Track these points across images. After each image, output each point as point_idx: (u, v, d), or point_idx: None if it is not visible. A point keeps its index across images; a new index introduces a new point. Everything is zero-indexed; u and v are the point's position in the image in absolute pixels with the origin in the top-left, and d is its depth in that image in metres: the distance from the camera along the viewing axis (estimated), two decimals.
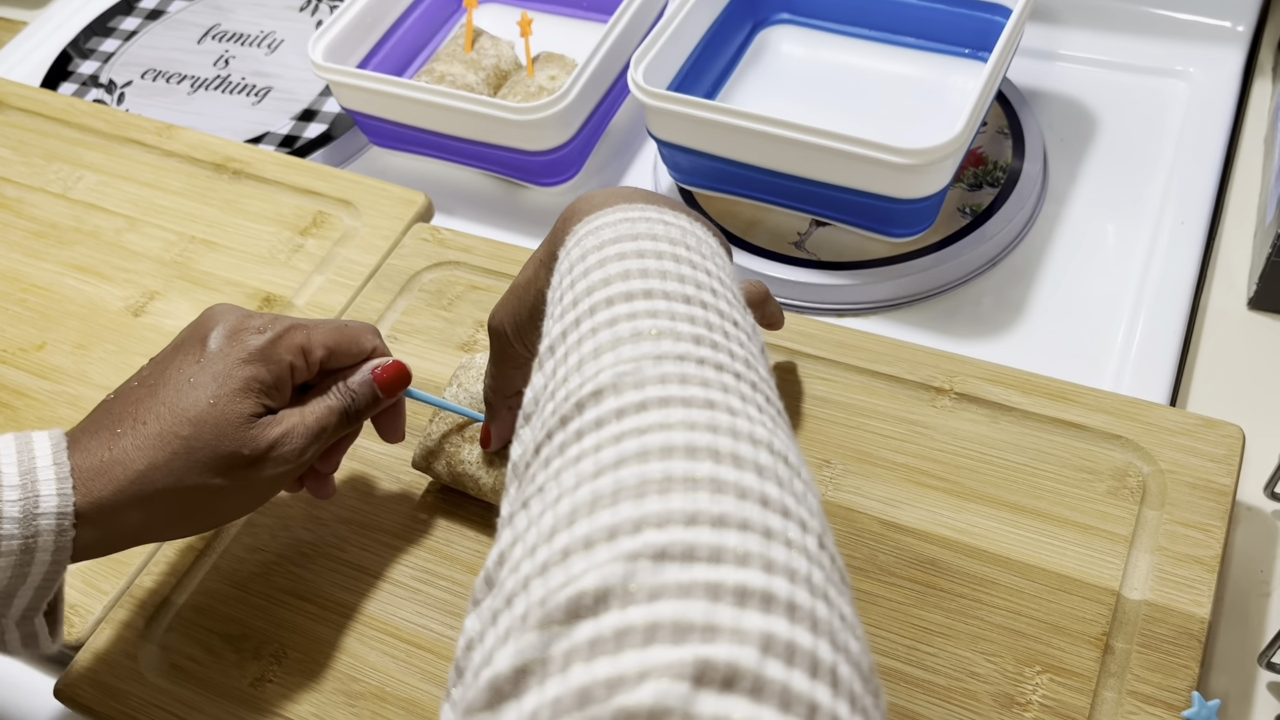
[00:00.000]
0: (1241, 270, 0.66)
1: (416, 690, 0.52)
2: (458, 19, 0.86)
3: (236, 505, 0.49)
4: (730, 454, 0.31)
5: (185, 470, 0.46)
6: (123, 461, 0.45)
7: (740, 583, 0.27)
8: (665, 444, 0.31)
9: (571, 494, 0.30)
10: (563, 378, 0.35)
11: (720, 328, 0.36)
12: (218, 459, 0.46)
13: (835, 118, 0.72)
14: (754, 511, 0.29)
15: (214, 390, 0.47)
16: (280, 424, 0.48)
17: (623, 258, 0.38)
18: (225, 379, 0.47)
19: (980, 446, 0.56)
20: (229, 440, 0.46)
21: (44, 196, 0.77)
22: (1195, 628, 0.49)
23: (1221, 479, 0.53)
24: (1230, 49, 0.76)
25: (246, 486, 0.48)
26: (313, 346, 0.50)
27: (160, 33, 0.92)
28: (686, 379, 0.33)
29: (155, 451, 0.46)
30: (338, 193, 0.74)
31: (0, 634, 0.46)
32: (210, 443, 0.46)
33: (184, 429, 0.46)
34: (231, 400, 0.47)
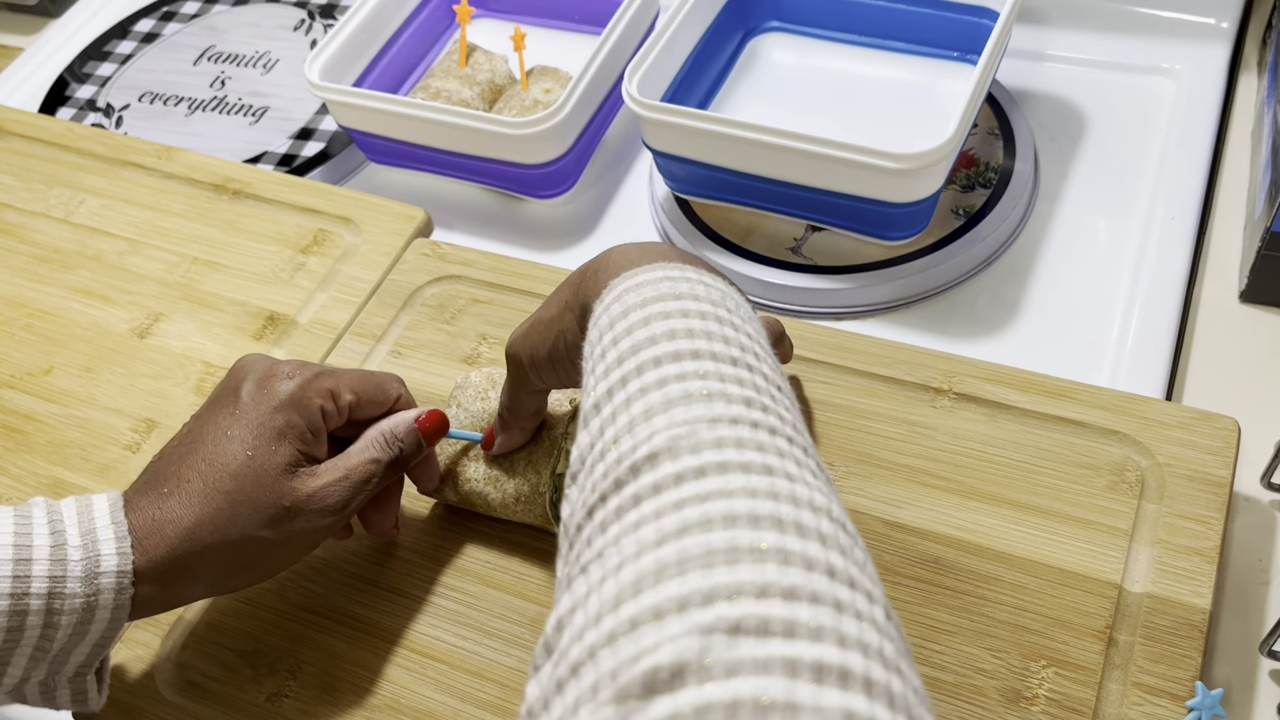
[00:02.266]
0: (1233, 263, 0.67)
1: (431, 701, 0.52)
2: (451, 35, 0.87)
3: (284, 556, 0.50)
4: (793, 522, 0.30)
5: (230, 524, 0.47)
6: (172, 520, 0.47)
7: (817, 658, 0.27)
8: (728, 511, 0.30)
9: (634, 562, 0.30)
10: (612, 438, 0.35)
11: (767, 391, 0.36)
12: (260, 511, 0.47)
13: (828, 124, 0.73)
14: (822, 583, 0.29)
15: (250, 442, 0.48)
16: (321, 476, 0.49)
17: (667, 317, 0.38)
18: (260, 429, 0.48)
19: (980, 445, 0.56)
20: (270, 492, 0.47)
21: (46, 221, 0.78)
22: (1196, 618, 0.49)
23: (1218, 471, 0.53)
24: (1215, 45, 0.77)
25: (292, 538, 0.48)
26: (340, 391, 0.51)
27: (156, 55, 0.93)
28: (742, 443, 0.33)
29: (201, 508, 0.47)
30: (337, 210, 0.74)
31: (52, 690, 0.47)
32: (252, 495, 0.47)
33: (226, 483, 0.47)
34: (269, 450, 0.48)
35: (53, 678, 0.47)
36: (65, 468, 0.64)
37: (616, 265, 0.43)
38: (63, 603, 0.44)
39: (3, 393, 0.68)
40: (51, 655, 0.46)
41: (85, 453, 0.65)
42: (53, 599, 0.44)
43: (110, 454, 0.64)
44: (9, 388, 0.69)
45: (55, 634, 0.45)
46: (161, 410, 0.66)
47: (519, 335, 0.49)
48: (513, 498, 0.55)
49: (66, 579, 0.44)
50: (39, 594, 0.44)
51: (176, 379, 0.67)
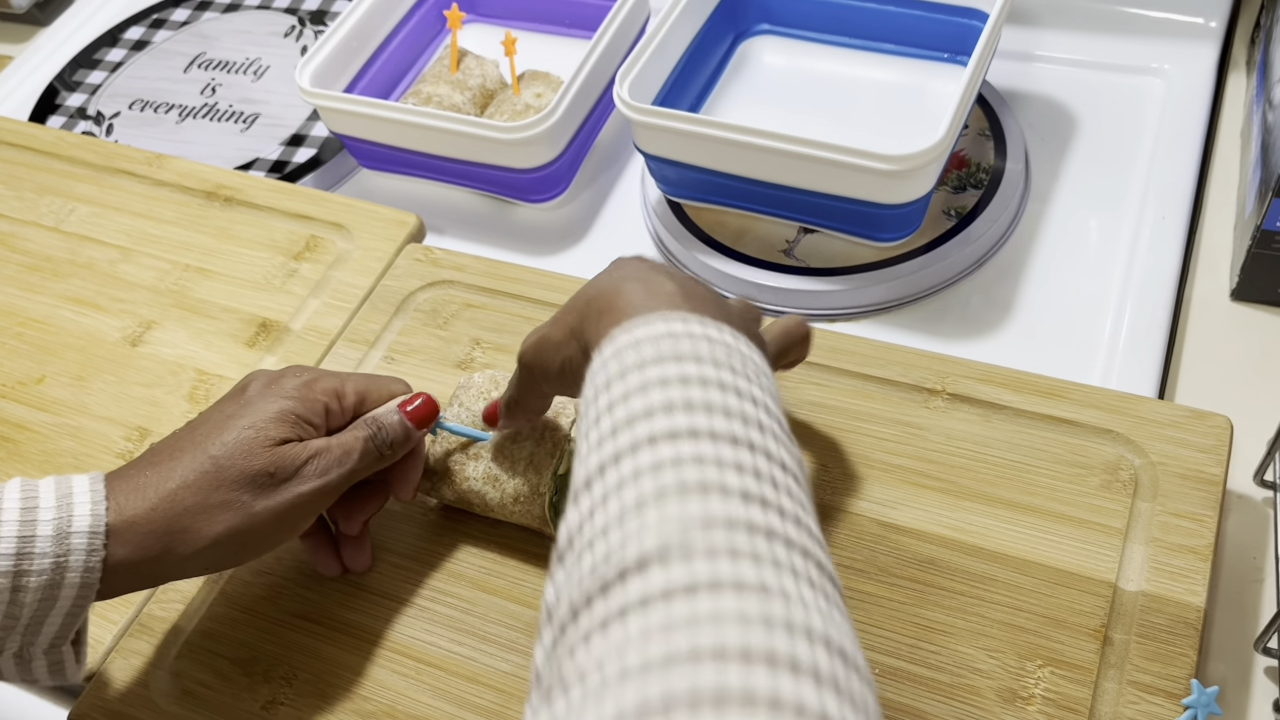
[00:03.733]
0: (1223, 262, 0.67)
1: (427, 707, 0.52)
2: (442, 40, 0.87)
3: (265, 529, 0.49)
4: (787, 659, 0.29)
5: (213, 487, 0.47)
6: (155, 482, 0.47)
7: None
8: (718, 645, 0.29)
9: (618, 690, 0.29)
10: (601, 527, 0.34)
11: (769, 476, 0.35)
12: (245, 477, 0.48)
13: (819, 126, 0.73)
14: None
15: (250, 420, 0.49)
16: (308, 448, 0.50)
17: (665, 385, 0.37)
18: (262, 411, 0.50)
19: (974, 445, 0.56)
20: (257, 459, 0.48)
21: (37, 230, 0.78)
22: (1191, 616, 0.49)
23: (1211, 469, 0.54)
24: (1204, 45, 0.77)
25: (274, 509, 0.49)
26: (346, 392, 0.53)
27: (146, 63, 0.93)
28: (737, 553, 0.32)
29: (186, 472, 0.48)
30: (329, 216, 0.74)
31: (28, 662, 0.47)
32: (239, 462, 0.48)
33: (215, 449, 0.48)
34: (265, 426, 0.49)
35: (27, 649, 0.46)
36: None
37: (620, 308, 0.42)
38: (31, 563, 0.44)
39: None
40: (23, 624, 0.45)
41: (78, 462, 0.64)
42: (20, 560, 0.44)
43: (103, 463, 0.64)
44: (0, 397, 0.68)
45: (24, 598, 0.44)
46: (154, 418, 0.66)
47: (530, 346, 0.49)
48: (511, 498, 0.55)
49: (36, 539, 0.44)
50: (6, 555, 0.44)
51: (169, 387, 0.67)
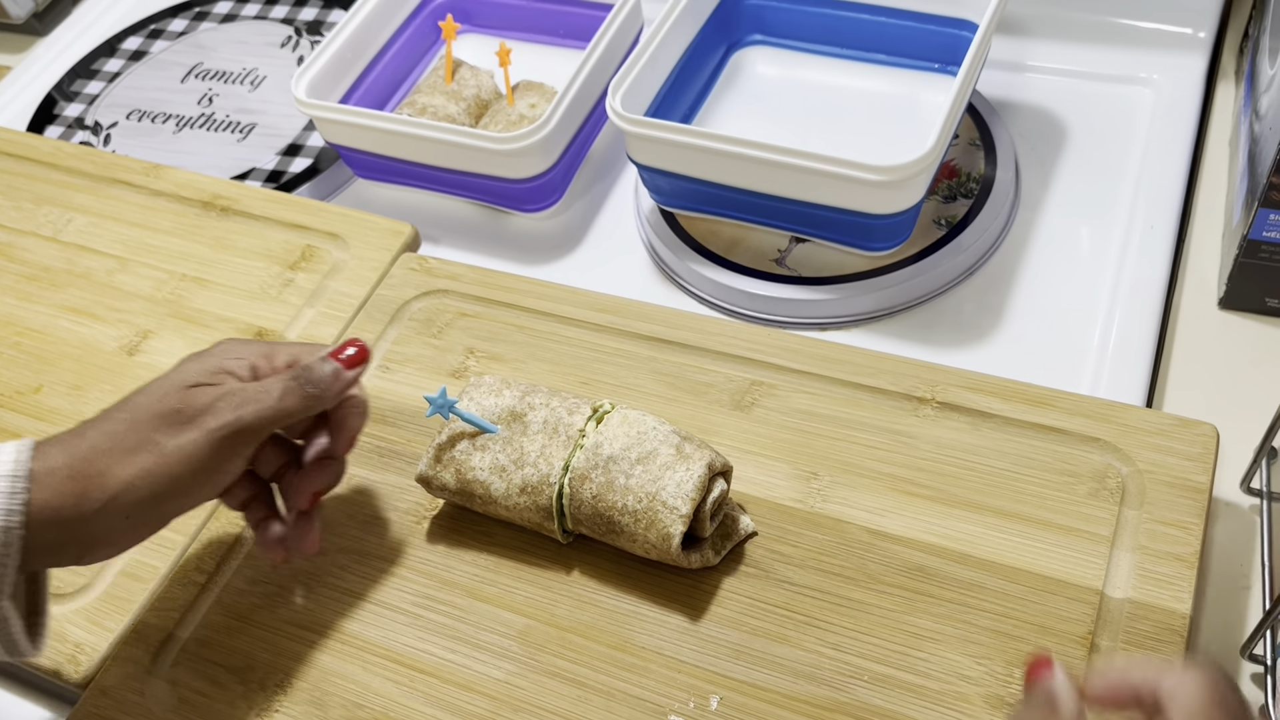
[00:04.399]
0: (1211, 271, 0.68)
1: (421, 714, 0.53)
2: (437, 50, 0.88)
3: (175, 473, 0.48)
4: None
5: (128, 429, 0.48)
6: (76, 432, 0.48)
7: None
8: None
9: None
10: None
11: None
12: (154, 415, 0.48)
13: (811, 136, 0.73)
14: None
15: (168, 375, 0.50)
16: (223, 385, 0.50)
17: None
18: (185, 365, 0.51)
19: (963, 454, 0.57)
20: (170, 399, 0.49)
21: (35, 240, 0.78)
22: (1177, 623, 0.50)
23: (1198, 477, 0.54)
24: (1193, 55, 0.78)
25: (184, 451, 0.48)
26: (276, 353, 0.53)
27: (144, 73, 0.93)
28: None
29: (104, 421, 0.49)
30: (325, 226, 0.75)
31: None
32: (153, 403, 0.49)
33: (135, 396, 0.49)
34: (183, 373, 0.50)
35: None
36: None
37: None
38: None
39: None
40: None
41: None
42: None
43: None
44: None
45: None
46: None
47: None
48: (518, 488, 0.55)
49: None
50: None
51: None
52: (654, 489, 0.52)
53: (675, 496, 0.52)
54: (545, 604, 0.55)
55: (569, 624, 0.54)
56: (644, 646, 0.53)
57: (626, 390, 0.63)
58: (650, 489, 0.52)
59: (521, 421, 0.56)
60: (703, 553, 0.54)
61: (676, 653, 0.53)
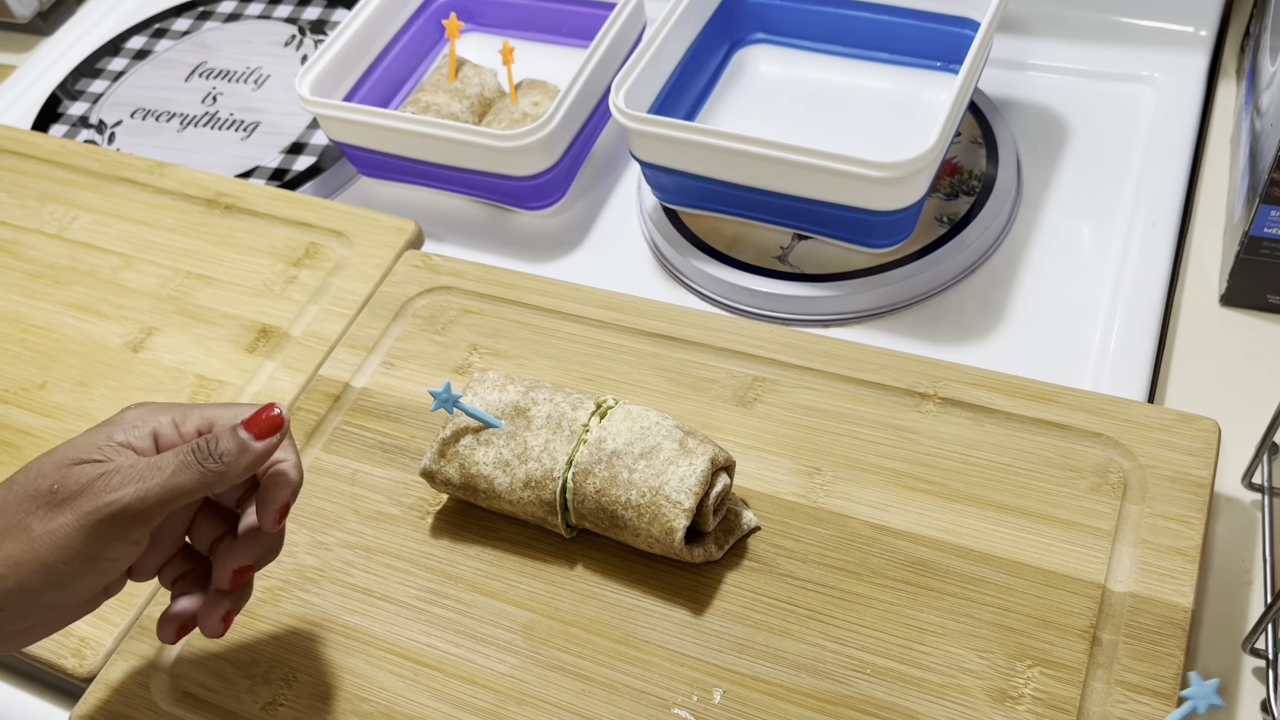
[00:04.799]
0: (1213, 268, 0.68)
1: (425, 708, 0.53)
2: (441, 49, 0.88)
3: (46, 561, 0.42)
4: None
5: (2, 507, 0.42)
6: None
7: None
8: None
9: None
10: None
11: None
12: (29, 497, 0.42)
13: (813, 134, 0.74)
14: None
15: (60, 449, 0.44)
16: (107, 464, 0.43)
17: None
18: (78, 439, 0.44)
19: (965, 449, 0.57)
20: (46, 478, 0.43)
21: (40, 238, 0.78)
22: (1179, 617, 0.50)
23: (1199, 471, 0.54)
24: (1194, 54, 0.78)
25: (55, 536, 0.42)
26: (187, 417, 0.47)
27: (148, 72, 0.94)
28: None
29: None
30: (329, 223, 0.75)
31: None
32: (28, 482, 0.43)
33: (16, 478, 0.44)
34: (71, 447, 0.44)
35: None
36: None
37: None
38: None
39: None
40: None
41: None
42: None
43: None
44: (4, 402, 0.69)
45: None
46: None
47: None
48: (522, 483, 0.55)
49: None
50: None
51: (170, 393, 0.68)
52: (657, 483, 0.52)
53: (678, 491, 0.52)
54: (549, 598, 0.55)
55: (572, 618, 0.55)
56: (647, 640, 0.53)
57: (630, 386, 0.63)
58: (654, 483, 0.53)
59: (525, 416, 0.57)
60: (706, 547, 0.54)
61: (680, 646, 0.53)
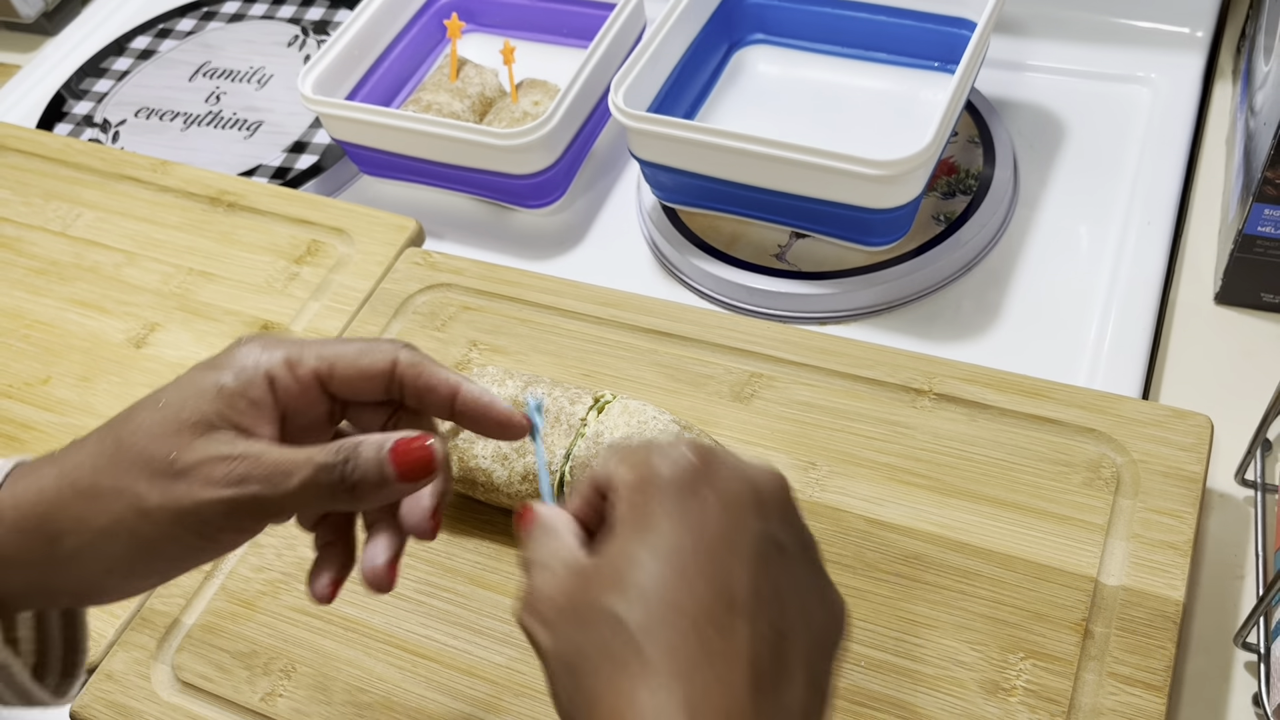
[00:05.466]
0: (1208, 266, 0.68)
1: (423, 699, 0.53)
2: (442, 49, 0.89)
3: (160, 534, 0.38)
4: None
5: (108, 470, 0.38)
6: (53, 460, 0.40)
7: None
8: None
9: None
10: None
11: None
12: (143, 462, 0.38)
13: (811, 133, 0.74)
14: None
15: (168, 396, 0.39)
16: (230, 443, 0.38)
17: None
18: (183, 385, 0.40)
19: (960, 444, 0.57)
20: (161, 442, 0.38)
21: (44, 234, 0.79)
22: (1170, 610, 0.50)
23: (1192, 467, 0.55)
24: (1190, 54, 0.78)
25: (171, 510, 0.38)
26: (303, 359, 0.41)
27: (152, 72, 0.94)
28: None
29: (87, 451, 0.39)
30: (330, 221, 0.76)
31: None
32: (142, 443, 0.38)
33: (122, 428, 0.39)
34: (179, 403, 0.39)
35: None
36: None
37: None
38: None
39: (1, 402, 0.69)
40: None
41: None
42: None
43: None
44: (7, 397, 0.70)
45: None
46: None
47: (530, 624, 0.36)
48: (520, 476, 0.56)
49: None
50: None
51: None
52: None
53: None
54: None
55: None
56: None
57: (628, 382, 0.63)
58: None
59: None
60: None
61: None
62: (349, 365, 0.41)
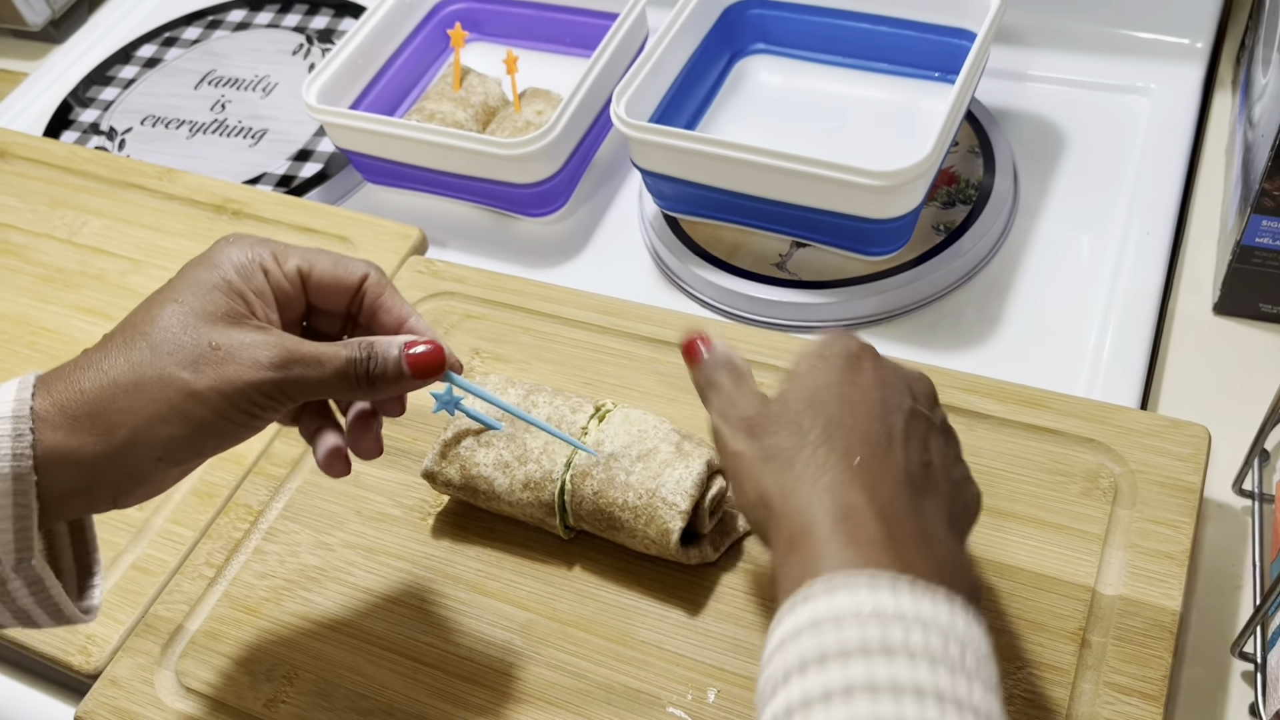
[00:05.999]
0: (1206, 277, 0.68)
1: (424, 705, 0.54)
2: (446, 58, 0.89)
3: (213, 413, 0.43)
4: None
5: (149, 362, 0.42)
6: (84, 364, 0.43)
7: None
8: None
9: None
10: None
11: None
12: (182, 349, 0.43)
13: (812, 143, 0.74)
14: None
15: (181, 293, 0.44)
16: (266, 331, 0.44)
17: (874, 693, 0.34)
18: (193, 282, 0.45)
19: None
20: (195, 331, 0.43)
21: (50, 242, 0.80)
22: (1167, 620, 0.51)
23: (1189, 477, 0.55)
24: (1190, 65, 0.79)
25: (221, 389, 0.43)
26: (287, 255, 0.47)
27: (158, 80, 0.95)
28: None
29: (117, 351, 0.43)
30: (334, 229, 0.76)
31: (4, 584, 0.42)
32: (175, 335, 0.43)
33: (147, 326, 0.43)
34: (199, 297, 0.44)
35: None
36: None
37: (809, 542, 0.39)
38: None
39: None
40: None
41: None
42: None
43: None
44: None
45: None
46: None
47: (731, 455, 0.45)
48: (521, 484, 0.56)
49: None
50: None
51: None
52: (654, 485, 0.53)
53: (674, 493, 0.53)
54: (547, 598, 0.56)
55: (570, 618, 0.55)
56: (644, 640, 0.54)
57: (629, 390, 0.64)
58: (650, 485, 0.53)
59: None
60: (701, 549, 0.55)
61: (675, 647, 0.54)
62: (326, 271, 0.47)
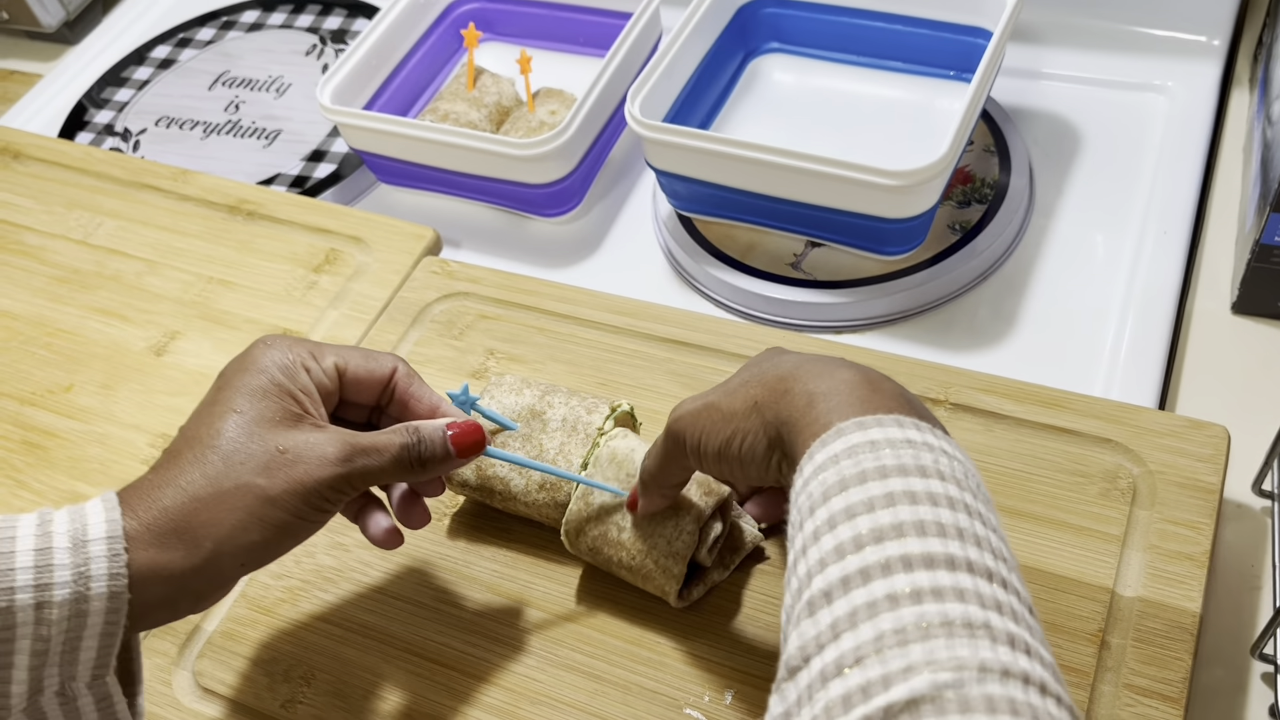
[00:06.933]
0: (1225, 275, 0.68)
1: (442, 706, 0.54)
2: (459, 58, 0.89)
3: (289, 513, 0.46)
4: None
5: (223, 474, 0.45)
6: (162, 483, 0.45)
7: None
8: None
9: None
10: (854, 654, 0.32)
11: (1024, 619, 0.33)
12: (253, 457, 0.46)
13: (827, 142, 0.74)
14: None
15: (236, 403, 0.47)
16: (324, 429, 0.47)
17: (915, 501, 0.35)
18: (245, 390, 0.47)
19: (976, 454, 0.58)
20: (261, 439, 0.46)
21: (65, 243, 0.80)
22: (1187, 621, 0.50)
23: (1209, 478, 0.55)
24: (1207, 63, 0.78)
25: (294, 490, 0.46)
26: (323, 354, 0.50)
27: (172, 81, 0.95)
28: (1016, 710, 0.30)
29: (190, 466, 0.46)
30: (349, 230, 0.76)
31: (73, 701, 0.44)
32: (243, 444, 0.46)
33: (214, 439, 0.46)
34: (256, 405, 0.47)
35: (68, 684, 0.43)
36: (85, 482, 0.66)
37: (824, 395, 0.40)
38: (51, 575, 0.42)
39: (24, 409, 0.70)
40: (56, 650, 0.42)
41: (105, 468, 0.66)
42: (40, 573, 0.42)
43: (129, 469, 0.66)
44: (30, 405, 0.70)
45: (50, 616, 0.42)
46: (178, 426, 0.67)
47: (689, 414, 0.46)
48: (536, 485, 0.56)
49: (53, 550, 0.42)
50: (25, 569, 0.41)
51: (193, 396, 0.69)
52: (645, 546, 0.53)
53: (667, 555, 0.52)
54: (563, 599, 0.56)
55: (586, 619, 0.55)
56: (660, 641, 0.54)
57: (643, 390, 0.64)
58: (642, 545, 0.53)
59: (541, 419, 0.57)
60: (706, 580, 0.55)
61: (692, 648, 0.54)
62: (360, 366, 0.51)
